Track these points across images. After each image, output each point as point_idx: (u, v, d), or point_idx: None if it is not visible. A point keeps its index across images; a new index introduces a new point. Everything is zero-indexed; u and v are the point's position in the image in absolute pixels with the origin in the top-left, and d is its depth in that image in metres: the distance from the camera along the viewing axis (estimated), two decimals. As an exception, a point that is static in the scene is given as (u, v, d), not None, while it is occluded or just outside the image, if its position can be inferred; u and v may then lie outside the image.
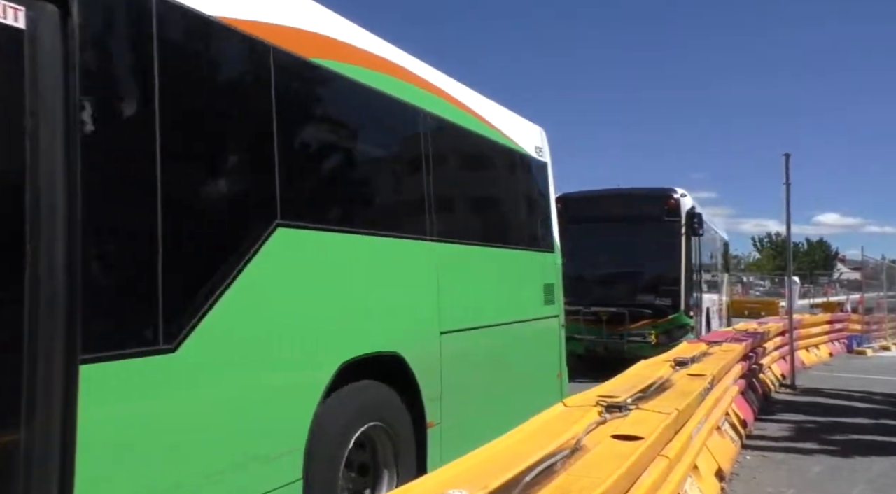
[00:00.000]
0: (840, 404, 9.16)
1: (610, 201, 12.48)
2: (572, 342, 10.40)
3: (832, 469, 5.90)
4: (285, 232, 3.40)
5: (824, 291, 47.79)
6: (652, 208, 11.93)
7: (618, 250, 12.32)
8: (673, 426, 3.89)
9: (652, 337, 11.10)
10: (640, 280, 12.24)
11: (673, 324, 11.32)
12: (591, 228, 11.99)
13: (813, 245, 69.68)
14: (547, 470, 2.78)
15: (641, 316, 11.33)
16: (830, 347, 15.46)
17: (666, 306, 11.38)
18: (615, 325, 11.36)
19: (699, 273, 12.75)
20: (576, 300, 10.88)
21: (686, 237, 11.61)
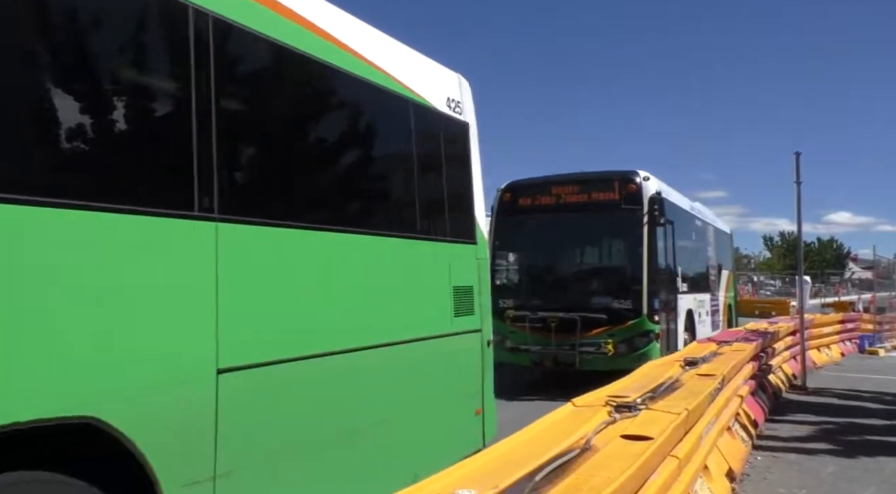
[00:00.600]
0: (852, 404, 9.08)
1: (561, 188, 10.48)
2: (517, 353, 9.87)
3: (844, 469, 5.86)
4: None
5: (836, 290, 47.45)
6: (609, 194, 10.14)
7: (570, 244, 11.00)
8: (683, 426, 3.87)
9: (608, 347, 9.40)
10: (595, 279, 10.52)
11: (633, 332, 9.50)
12: (540, 220, 10.51)
13: (824, 244, 69.23)
14: (556, 470, 2.78)
15: (596, 323, 9.54)
16: (842, 347, 15.34)
17: (625, 310, 9.58)
18: (566, 333, 9.58)
19: (673, 269, 10.86)
20: (523, 304, 10.09)
21: (650, 227, 9.72)
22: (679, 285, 11.11)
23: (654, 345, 9.50)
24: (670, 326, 10.47)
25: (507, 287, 10.75)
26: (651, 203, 9.75)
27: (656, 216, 9.72)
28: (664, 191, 10.44)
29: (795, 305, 18.87)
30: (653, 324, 9.57)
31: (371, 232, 4.15)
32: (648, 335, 9.52)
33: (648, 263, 9.64)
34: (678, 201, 11.88)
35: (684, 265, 11.66)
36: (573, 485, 2.64)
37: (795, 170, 10.43)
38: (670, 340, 10.35)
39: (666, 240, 10.39)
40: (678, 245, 11.22)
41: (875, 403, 9.22)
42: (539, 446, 3.14)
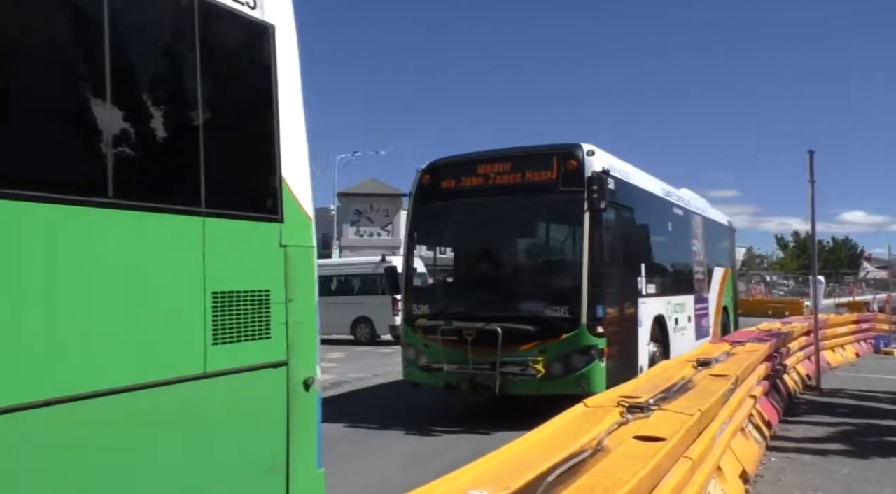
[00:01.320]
0: (867, 405, 9.00)
1: (489, 167, 8.33)
2: (429, 373, 8.00)
3: (860, 470, 5.80)
4: None
5: (850, 290, 47.05)
6: (544, 173, 7.97)
7: (496, 236, 8.74)
8: (696, 427, 3.85)
9: (538, 366, 7.37)
10: (524, 280, 8.49)
11: (569, 347, 7.39)
12: (461, 207, 8.40)
13: (838, 243, 68.64)
14: (569, 471, 2.77)
15: (522, 336, 7.46)
16: (857, 347, 15.21)
17: (559, 319, 7.49)
18: (485, 348, 7.47)
19: (631, 266, 8.81)
20: (439, 311, 8.15)
21: (593, 213, 7.54)
22: (642, 286, 8.98)
23: (596, 365, 7.35)
24: (625, 339, 8.28)
25: (424, 289, 9.04)
26: (595, 183, 7.51)
27: (603, 199, 7.52)
28: (617, 170, 8.43)
29: (809, 305, 18.75)
30: (595, 338, 7.38)
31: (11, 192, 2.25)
32: (588, 351, 7.37)
33: (591, 258, 7.47)
34: (643, 183, 9.72)
35: (653, 261, 9.80)
36: (585, 486, 2.63)
37: (809, 169, 10.36)
38: (625, 357, 8.20)
39: (619, 229, 8.40)
40: (643, 237, 9.45)
41: (891, 404, 9.13)
42: (551, 447, 3.13)
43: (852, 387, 10.32)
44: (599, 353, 7.41)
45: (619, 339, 8.03)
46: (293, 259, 3.36)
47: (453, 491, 2.53)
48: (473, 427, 7.51)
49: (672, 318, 10.18)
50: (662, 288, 9.93)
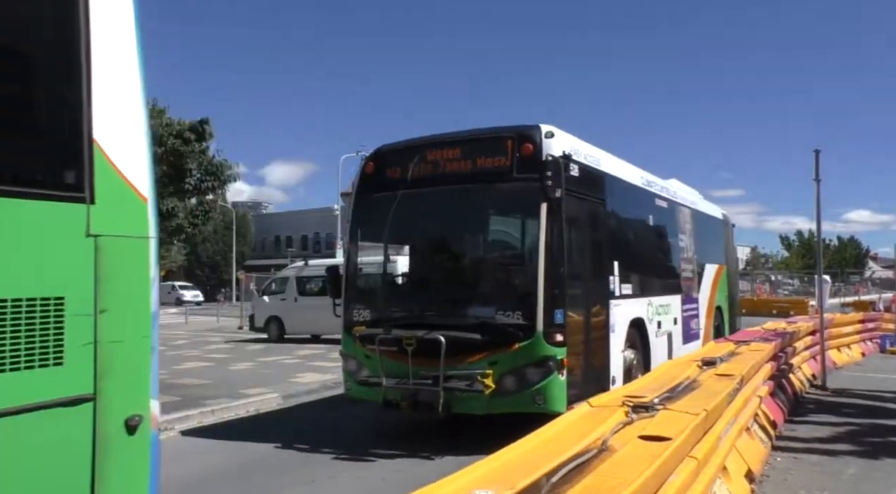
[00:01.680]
0: (873, 405, 8.95)
1: (438, 152, 7.38)
2: (368, 388, 7.09)
3: (866, 470, 5.77)
4: None
5: (855, 290, 46.93)
6: (497, 159, 7.02)
7: (444, 231, 7.82)
8: (701, 426, 3.84)
9: (487, 381, 6.44)
10: (472, 281, 7.41)
11: (524, 358, 6.44)
12: (404, 198, 7.27)
13: (843, 242, 68.45)
14: (574, 471, 2.77)
15: (469, 345, 6.53)
16: (862, 347, 15.13)
17: (511, 326, 6.52)
18: (427, 360, 6.57)
19: (601, 264, 7.78)
20: (380, 316, 7.25)
21: (552, 203, 6.55)
22: (615, 286, 7.93)
23: (554, 379, 6.38)
24: (592, 347, 7.28)
25: (367, 292, 7.92)
26: (553, 169, 6.51)
27: (563, 187, 6.56)
28: (583, 154, 7.43)
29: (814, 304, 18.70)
30: (553, 347, 6.41)
31: None
32: (545, 363, 6.39)
33: (548, 256, 6.48)
34: (617, 171, 8.58)
35: (630, 258, 8.69)
36: (591, 486, 2.63)
37: (815, 168, 10.31)
38: (592, 367, 7.24)
39: (586, 222, 7.53)
40: (616, 231, 8.42)
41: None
42: (556, 446, 3.13)
43: (858, 387, 10.27)
44: (558, 365, 6.41)
45: (584, 348, 7.09)
46: (110, 253, 2.42)
47: (458, 491, 2.53)
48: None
49: (653, 321, 9.13)
50: (641, 288, 8.94)
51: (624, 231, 8.92)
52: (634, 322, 8.42)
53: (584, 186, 7.27)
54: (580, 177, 7.19)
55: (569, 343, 6.56)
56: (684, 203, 11.73)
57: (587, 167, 7.49)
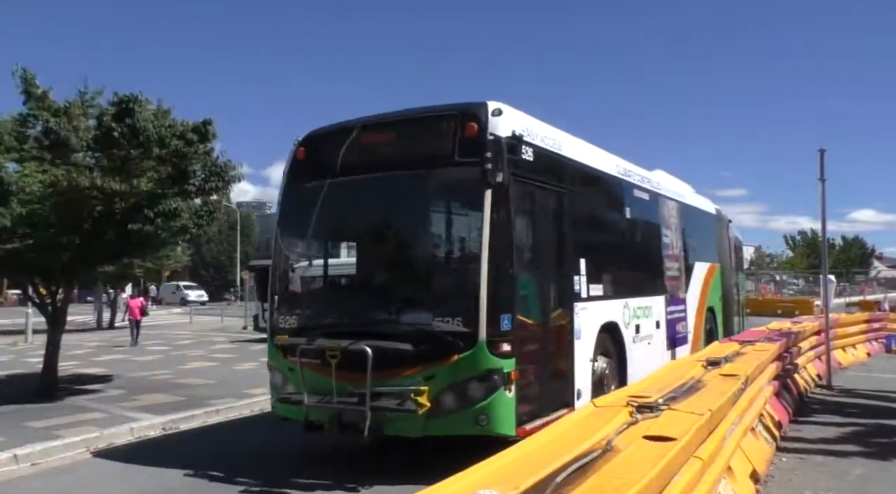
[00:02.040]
0: (879, 405, 8.92)
1: (373, 136, 6.52)
2: (289, 405, 6.23)
3: (872, 471, 5.75)
4: None
5: (861, 289, 46.82)
6: (438, 141, 6.12)
7: (373, 226, 6.89)
8: (706, 427, 3.83)
9: (421, 399, 5.56)
10: (406, 282, 6.42)
11: (464, 371, 5.54)
12: (334, 188, 6.40)
13: (848, 242, 68.24)
14: (578, 471, 2.75)
15: (401, 357, 5.64)
16: (868, 347, 15.10)
17: (450, 334, 5.62)
18: (353, 374, 5.69)
19: (561, 261, 6.84)
20: (305, 324, 6.40)
21: (497, 191, 5.68)
22: (581, 287, 6.99)
23: (500, 396, 5.50)
24: (551, 357, 6.44)
25: (294, 296, 7.04)
26: (496, 150, 5.66)
27: (513, 173, 5.80)
28: (539, 137, 6.52)
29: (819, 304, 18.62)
30: (498, 358, 5.51)
31: None
32: (489, 378, 5.49)
33: (494, 252, 5.62)
34: (583, 157, 7.59)
35: (600, 255, 7.75)
36: (595, 486, 2.62)
37: (819, 168, 10.29)
38: (550, 380, 6.38)
39: (543, 214, 6.60)
40: (583, 225, 7.38)
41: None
42: (560, 447, 3.12)
43: (864, 387, 10.24)
44: (505, 379, 5.50)
45: (539, 358, 6.23)
46: None
47: (462, 491, 2.52)
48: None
49: (631, 325, 8.22)
50: (616, 288, 7.96)
51: (593, 224, 7.92)
52: (607, 326, 7.50)
53: (541, 172, 6.38)
54: (536, 162, 6.26)
55: (519, 353, 5.69)
56: (670, 195, 10.70)
57: (545, 151, 6.54)
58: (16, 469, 6.58)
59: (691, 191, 12.81)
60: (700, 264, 11.76)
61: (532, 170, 6.22)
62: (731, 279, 13.85)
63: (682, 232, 10.94)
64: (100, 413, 8.70)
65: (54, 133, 9.25)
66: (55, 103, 9.56)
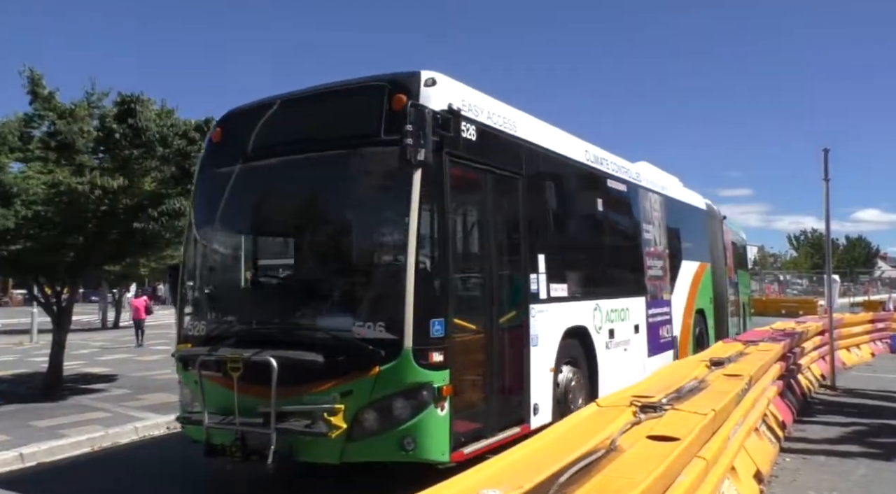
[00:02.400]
0: (883, 405, 8.90)
1: (289, 113, 5.66)
2: (188, 424, 5.53)
3: (876, 471, 5.74)
4: None
5: (865, 289, 46.69)
6: (358, 117, 5.33)
7: (285, 217, 6.11)
8: (710, 427, 3.82)
9: (336, 419, 4.73)
10: (321, 282, 5.57)
11: (387, 386, 4.70)
12: (245, 174, 5.63)
13: (853, 242, 68.07)
14: (582, 471, 2.76)
15: (312, 369, 4.77)
16: (872, 347, 15.05)
17: (371, 342, 4.75)
18: (258, 389, 4.84)
19: (511, 257, 5.98)
20: (210, 331, 5.56)
21: (428, 175, 4.84)
22: (539, 286, 6.20)
23: (429, 415, 4.65)
24: (499, 367, 5.54)
25: (203, 297, 6.11)
26: (422, 124, 4.71)
27: (448, 153, 5.03)
28: (484, 112, 5.68)
29: (823, 304, 18.59)
30: (427, 370, 4.67)
31: None
32: (417, 393, 4.66)
33: (422, 245, 4.85)
34: (542, 139, 6.67)
35: (564, 251, 7.00)
36: (599, 486, 2.62)
37: (824, 167, 10.25)
38: (498, 396, 5.50)
39: (490, 202, 5.69)
40: (544, 216, 6.68)
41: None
42: (564, 446, 3.12)
43: (868, 387, 10.21)
44: (435, 395, 4.66)
45: (483, 369, 5.39)
46: None
47: (466, 490, 2.53)
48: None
49: (603, 330, 7.40)
50: (584, 288, 7.23)
51: (556, 217, 7.08)
52: (573, 331, 6.71)
53: (487, 154, 5.60)
54: (481, 142, 5.49)
55: (456, 363, 4.88)
56: (652, 188, 9.81)
57: (494, 130, 5.77)
58: (21, 467, 6.62)
59: (679, 184, 12.05)
60: (688, 263, 10.97)
61: (476, 152, 5.45)
62: (724, 279, 13.04)
63: (667, 228, 10.14)
64: (104, 412, 8.74)
65: (60, 134, 9.29)
66: (61, 104, 9.59)
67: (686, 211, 11.46)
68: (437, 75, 5.22)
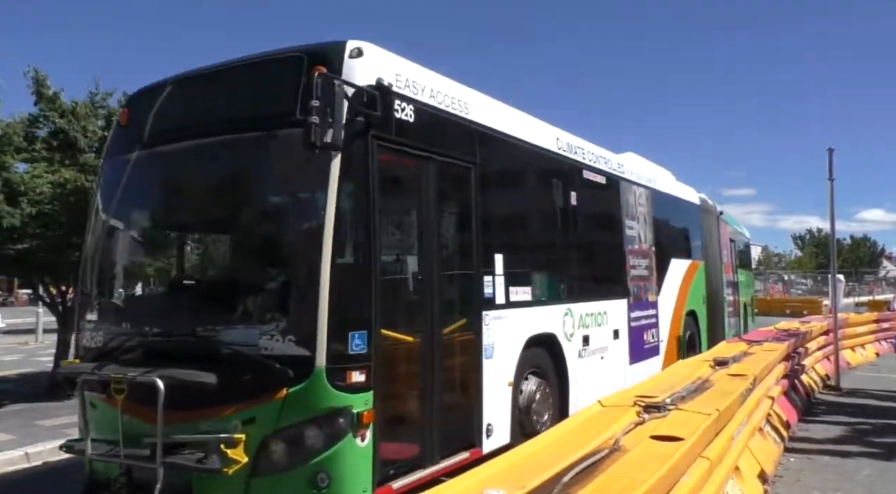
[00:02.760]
0: (888, 405, 8.88)
1: (194, 91, 5.05)
2: (72, 451, 4.75)
3: (881, 471, 5.72)
4: None
5: (870, 289, 46.57)
6: (273, 94, 4.53)
7: (184, 212, 5.32)
8: (714, 427, 3.83)
9: (235, 453, 3.93)
10: (221, 289, 4.88)
11: (297, 412, 3.96)
12: (143, 162, 4.97)
13: (857, 242, 67.91)
14: (585, 471, 2.76)
15: (204, 392, 3.98)
16: (877, 347, 15.01)
17: (278, 359, 3.99)
18: (145, 414, 4.09)
19: (470, 258, 5.31)
20: (102, 346, 4.83)
21: (350, 160, 4.16)
22: (495, 289, 5.54)
23: (348, 447, 3.97)
24: (443, 384, 4.89)
25: (97, 304, 5.34)
26: (341, 103, 4.06)
27: (375, 136, 4.33)
28: (426, 90, 4.98)
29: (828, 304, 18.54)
30: (344, 393, 3.99)
31: None
32: (332, 421, 3.97)
33: (340, 243, 4.10)
34: (500, 123, 5.95)
35: (528, 250, 6.57)
36: (602, 486, 2.63)
37: (828, 167, 10.23)
38: (441, 418, 4.76)
39: (432, 194, 4.93)
40: (502, 210, 6.05)
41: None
42: (567, 446, 3.13)
43: (872, 387, 10.18)
44: (354, 422, 3.99)
45: (420, 388, 4.69)
46: None
47: (469, 490, 2.53)
48: None
49: (575, 337, 6.75)
50: (553, 291, 6.64)
51: (517, 212, 6.51)
52: (539, 339, 6.09)
53: (430, 139, 4.91)
54: (421, 125, 4.80)
55: (384, 383, 4.24)
56: (637, 181, 9.03)
57: (438, 111, 5.06)
58: (27, 467, 6.65)
59: (670, 177, 11.18)
60: (678, 261, 10.20)
61: (415, 135, 4.74)
62: (720, 278, 12.23)
63: (654, 224, 9.35)
64: (109, 411, 8.75)
65: (62, 133, 9.32)
66: (65, 104, 9.63)
67: (676, 205, 10.68)
68: (364, 45, 4.45)
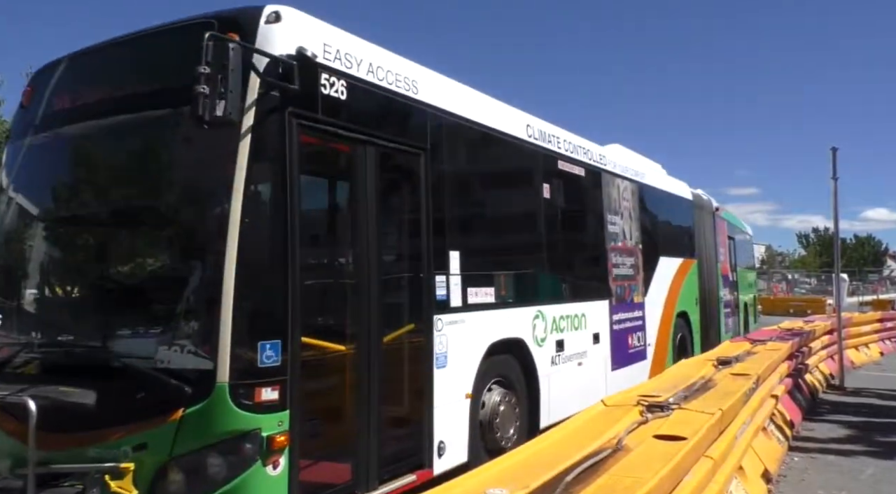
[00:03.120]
0: (892, 404, 8.85)
1: (99, 66, 4.43)
2: None
3: (885, 471, 5.70)
4: None
5: (874, 289, 46.47)
6: (177, 67, 3.71)
7: (77, 201, 4.67)
8: (717, 426, 3.81)
9: (123, 484, 3.36)
10: (111, 292, 4.30)
11: (194, 437, 3.37)
12: (44, 146, 4.45)
13: (861, 240, 67.74)
14: (588, 470, 2.76)
15: (85, 414, 3.52)
16: (881, 346, 14.96)
17: (173, 374, 3.42)
18: (20, 436, 3.56)
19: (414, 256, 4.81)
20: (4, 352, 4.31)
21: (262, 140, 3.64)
22: (449, 290, 4.99)
23: (257, 477, 3.43)
24: (385, 398, 4.32)
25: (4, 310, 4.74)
26: (235, 69, 3.45)
27: (294, 113, 3.80)
28: (363, 64, 4.39)
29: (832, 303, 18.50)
30: (251, 413, 3.44)
31: None
32: (237, 446, 3.42)
33: (249, 238, 3.55)
34: (458, 106, 5.38)
35: (491, 247, 5.99)
36: (605, 486, 2.62)
37: (832, 166, 10.19)
38: (375, 438, 4.19)
39: (370, 184, 4.35)
40: (460, 202, 5.45)
41: (916, 403, 8.98)
42: (570, 446, 3.12)
43: (876, 387, 10.15)
44: (264, 447, 3.45)
45: (352, 404, 4.17)
46: None
47: (472, 489, 2.53)
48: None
49: (547, 342, 6.25)
50: (520, 292, 6.09)
51: (479, 205, 5.94)
52: (504, 345, 5.58)
53: (367, 121, 4.37)
54: (356, 104, 4.25)
55: (305, 399, 3.70)
56: (621, 174, 8.44)
57: (379, 89, 4.50)
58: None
59: (661, 171, 10.60)
60: (667, 260, 9.60)
61: (348, 116, 4.19)
62: (716, 277, 11.74)
63: (640, 219, 8.83)
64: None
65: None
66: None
67: (666, 200, 10.02)
68: (285, 9, 3.88)
